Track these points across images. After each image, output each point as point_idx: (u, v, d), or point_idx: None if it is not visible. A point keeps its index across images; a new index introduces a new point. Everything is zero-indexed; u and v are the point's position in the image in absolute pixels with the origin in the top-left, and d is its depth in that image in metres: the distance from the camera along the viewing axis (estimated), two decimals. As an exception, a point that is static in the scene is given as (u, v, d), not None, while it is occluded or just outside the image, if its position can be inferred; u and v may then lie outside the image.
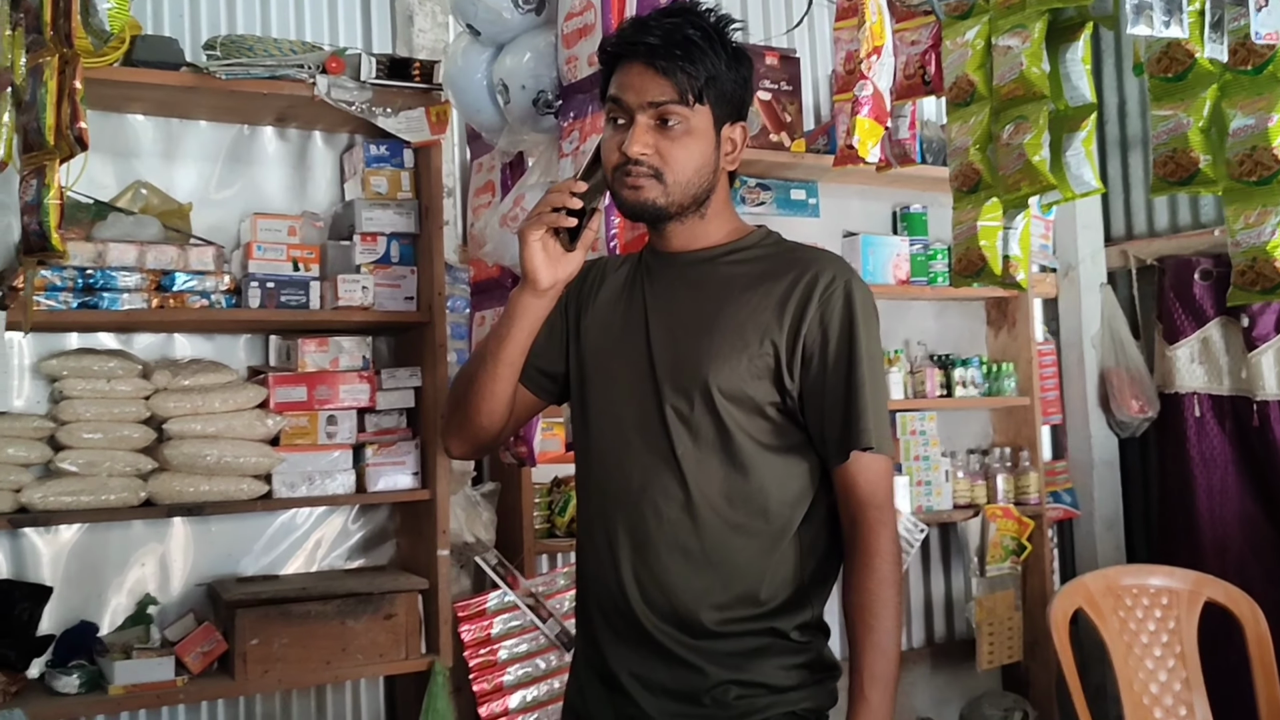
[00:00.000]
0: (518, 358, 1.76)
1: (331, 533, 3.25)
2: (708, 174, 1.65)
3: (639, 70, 1.61)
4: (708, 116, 1.62)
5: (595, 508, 1.73)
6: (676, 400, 1.63)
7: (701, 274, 1.69)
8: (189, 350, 3.07)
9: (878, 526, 1.60)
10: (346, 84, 2.88)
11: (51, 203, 2.06)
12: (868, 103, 2.41)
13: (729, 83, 1.63)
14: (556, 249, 1.69)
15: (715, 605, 1.61)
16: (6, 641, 2.66)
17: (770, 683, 1.61)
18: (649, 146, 1.60)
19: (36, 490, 2.66)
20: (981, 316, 4.45)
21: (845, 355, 1.61)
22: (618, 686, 1.65)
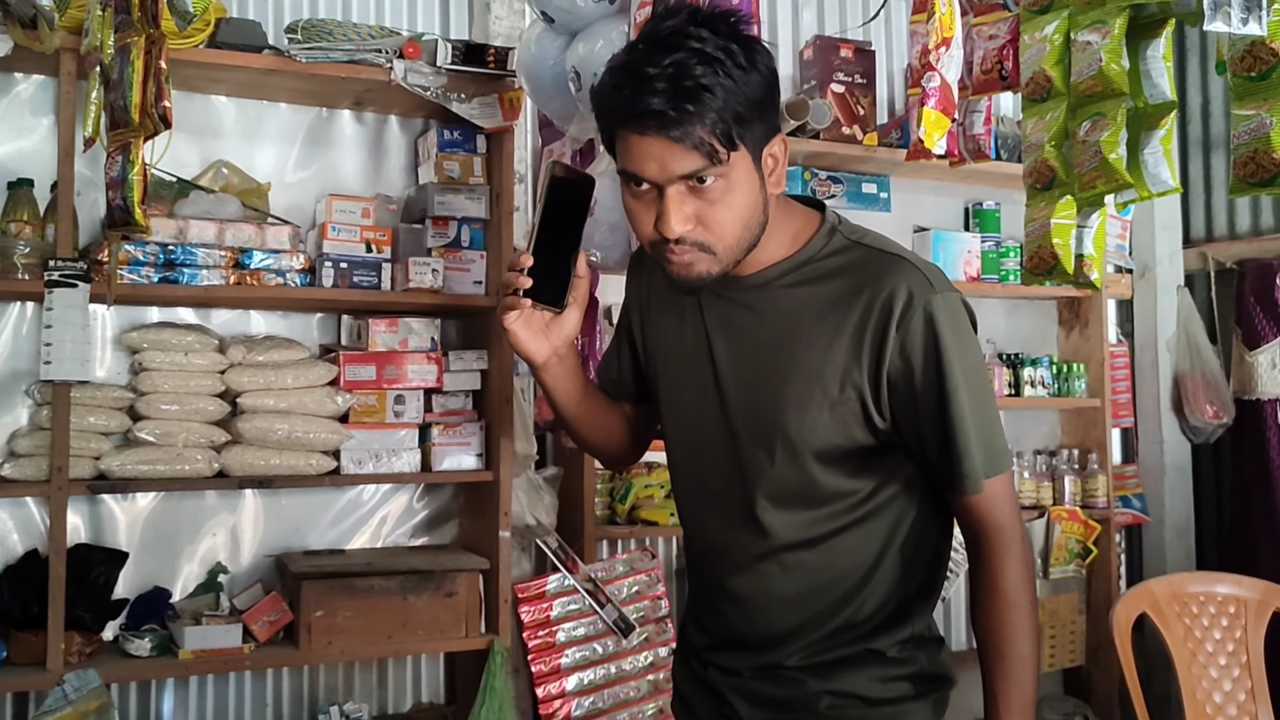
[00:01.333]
0: (576, 409, 1.70)
1: (396, 510, 3.31)
2: (758, 218, 1.44)
3: (653, 142, 1.35)
4: (745, 158, 1.39)
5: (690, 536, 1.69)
6: (755, 451, 1.52)
7: (762, 300, 1.52)
8: (263, 327, 3.15)
9: (1000, 550, 1.49)
10: (422, 69, 2.92)
11: (135, 179, 2.13)
12: (935, 94, 2.39)
13: (755, 99, 1.38)
14: (542, 319, 1.55)
15: (808, 643, 1.54)
16: (83, 604, 2.74)
17: (865, 694, 1.53)
18: (689, 220, 1.39)
19: (115, 458, 2.75)
20: (1053, 316, 4.39)
21: (935, 389, 1.44)
22: (720, 697, 1.63)
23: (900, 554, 1.54)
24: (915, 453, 1.51)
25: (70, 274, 2.62)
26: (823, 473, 1.50)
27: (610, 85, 1.40)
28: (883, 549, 1.53)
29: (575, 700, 3.16)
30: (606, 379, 1.79)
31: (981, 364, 1.51)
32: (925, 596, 1.58)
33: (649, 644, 3.27)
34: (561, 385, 1.66)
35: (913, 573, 1.56)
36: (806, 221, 1.55)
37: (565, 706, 3.15)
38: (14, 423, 2.87)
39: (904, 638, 1.54)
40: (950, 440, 1.45)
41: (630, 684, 3.24)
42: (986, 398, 1.50)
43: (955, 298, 1.48)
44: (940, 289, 1.46)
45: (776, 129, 1.45)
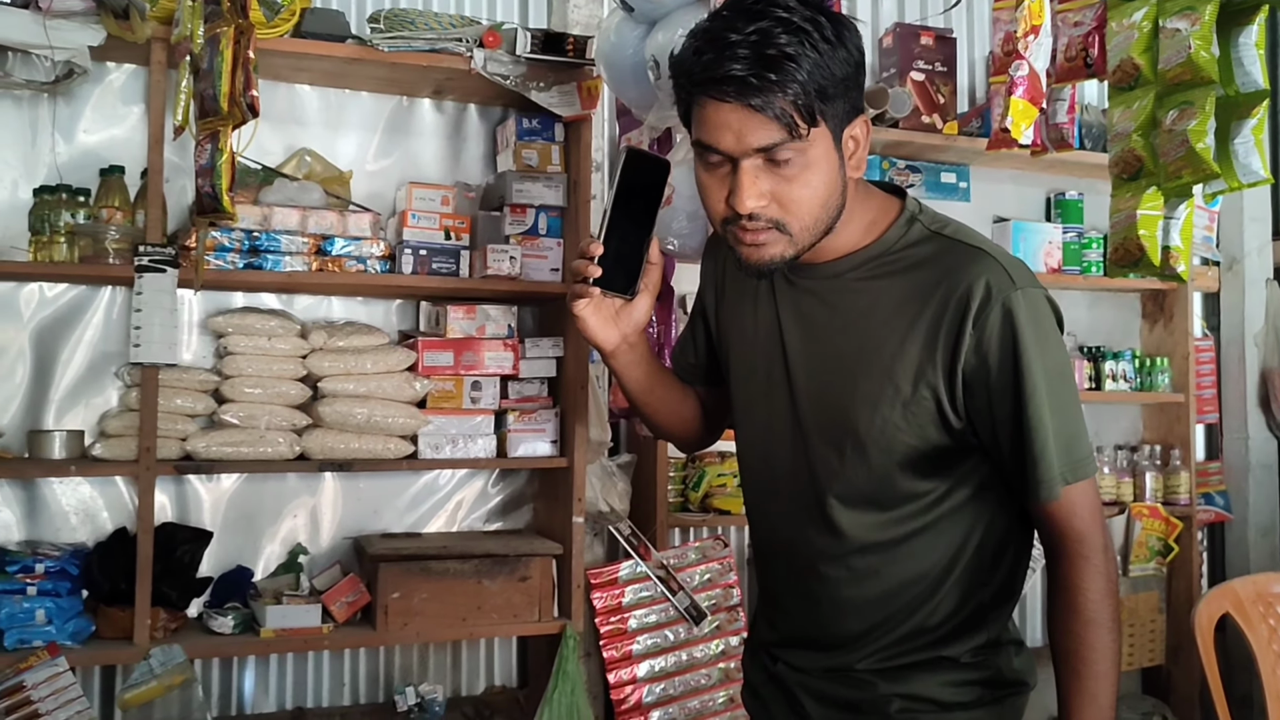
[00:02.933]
0: (647, 396, 1.68)
1: (472, 495, 3.35)
2: (836, 200, 1.39)
3: (731, 110, 1.31)
4: (825, 136, 1.34)
5: (757, 531, 1.66)
6: (824, 450, 1.48)
7: (836, 291, 1.47)
8: (344, 313, 3.20)
9: (1079, 561, 1.41)
10: (502, 58, 2.94)
11: (224, 167, 2.18)
12: (1023, 83, 2.35)
13: (839, 85, 1.34)
14: (612, 306, 1.53)
15: (880, 648, 1.50)
16: (169, 581, 2.82)
17: (936, 698, 1.49)
18: (763, 196, 1.34)
19: (200, 439, 2.81)
20: (1136, 309, 4.30)
21: (1011, 390, 1.37)
22: (790, 694, 1.61)
23: (976, 558, 1.48)
24: (992, 454, 1.45)
25: (159, 259, 2.69)
26: (895, 473, 1.45)
27: (691, 51, 1.35)
28: (957, 553, 1.48)
29: (646, 686, 3.18)
30: (681, 363, 1.77)
31: (1065, 365, 1.43)
32: (1002, 602, 1.53)
33: (720, 632, 3.28)
34: (632, 372, 1.64)
35: (989, 577, 1.50)
36: (885, 209, 1.49)
37: (636, 692, 3.17)
38: (104, 404, 2.96)
39: (978, 644, 1.49)
40: (1026, 444, 1.38)
41: (701, 671, 3.25)
42: (1068, 400, 1.42)
43: (1038, 294, 1.41)
44: (1021, 285, 1.39)
45: (860, 110, 1.41)
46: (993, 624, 1.51)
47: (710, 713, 3.21)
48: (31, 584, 2.67)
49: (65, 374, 2.94)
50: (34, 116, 2.91)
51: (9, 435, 2.86)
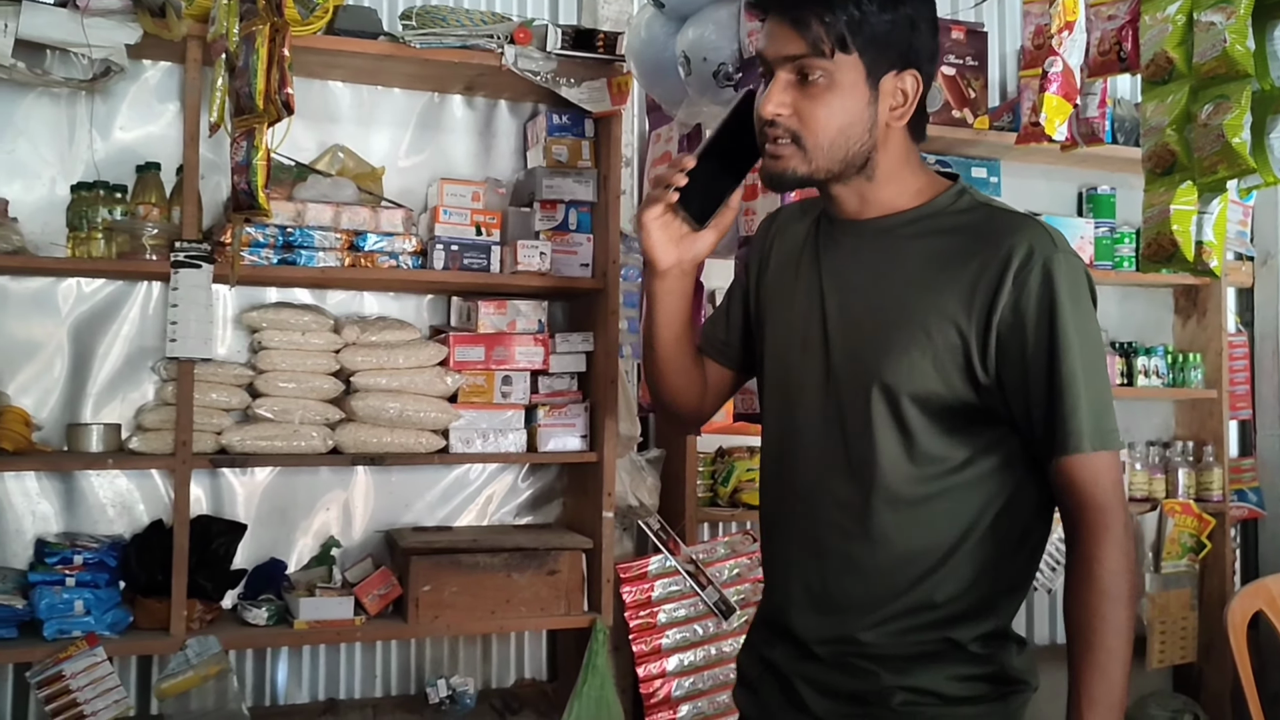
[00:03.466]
0: (672, 341, 1.68)
1: (502, 489, 3.37)
2: (859, 133, 1.45)
3: (775, 23, 1.45)
4: (856, 67, 1.43)
5: (769, 499, 1.66)
6: (852, 397, 1.49)
7: (881, 247, 1.51)
8: (376, 308, 3.22)
9: (1099, 531, 1.40)
10: (533, 54, 2.95)
11: (259, 164, 2.21)
12: (1057, 79, 2.34)
13: (883, 25, 1.42)
14: (679, 228, 1.58)
15: (885, 618, 1.49)
16: (204, 573, 2.85)
17: (941, 691, 1.47)
18: (784, 106, 1.44)
19: (235, 433, 2.85)
20: (1169, 304, 4.27)
21: (1046, 346, 1.39)
22: (786, 683, 1.58)
23: (992, 536, 1.48)
24: (1019, 417, 1.44)
25: (195, 255, 2.72)
26: (918, 424, 1.45)
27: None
28: (972, 526, 1.47)
29: (675, 681, 3.19)
30: (710, 336, 1.77)
31: (1098, 334, 1.45)
32: (1012, 592, 1.52)
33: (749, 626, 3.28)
34: (670, 303, 1.65)
35: (1001, 563, 1.49)
36: (936, 182, 1.55)
37: (665, 686, 3.18)
38: (141, 398, 2.99)
39: (986, 631, 1.48)
40: (1059, 399, 1.40)
41: (730, 666, 3.24)
42: (1101, 368, 1.44)
43: (1078, 263, 1.44)
44: (1064, 250, 1.43)
45: (916, 68, 1.47)
46: (1002, 612, 1.51)
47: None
48: (70, 575, 2.71)
49: (102, 368, 2.98)
50: (72, 114, 2.94)
51: (48, 429, 2.90)
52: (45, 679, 2.63)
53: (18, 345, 2.90)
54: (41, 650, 2.63)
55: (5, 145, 2.89)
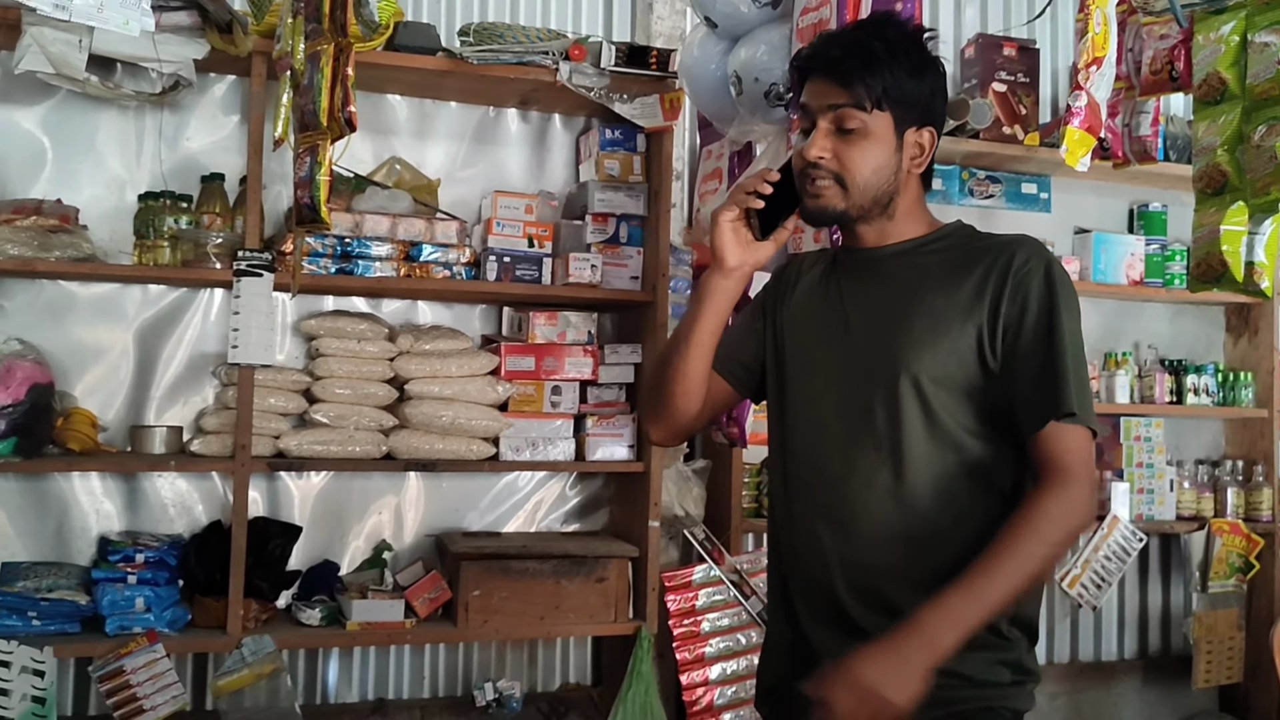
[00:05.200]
0: (708, 339, 1.79)
1: (550, 496, 3.42)
2: (887, 175, 1.67)
3: (821, 80, 1.67)
4: (887, 121, 1.65)
5: (794, 493, 1.74)
6: (879, 387, 1.63)
7: (895, 266, 1.71)
8: (430, 317, 3.29)
9: (1056, 488, 1.52)
10: (587, 70, 3.01)
11: (322, 179, 2.27)
12: (1080, 113, 2.36)
13: (912, 91, 1.66)
14: (747, 235, 1.75)
15: (918, 585, 1.57)
16: (260, 573, 2.92)
17: (973, 675, 1.58)
18: (826, 150, 1.65)
19: (293, 438, 2.92)
20: (1220, 322, 4.25)
21: (1045, 323, 1.58)
22: (812, 665, 1.63)
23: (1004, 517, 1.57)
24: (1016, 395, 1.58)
25: (257, 264, 2.80)
26: (939, 403, 1.60)
27: (809, 46, 1.76)
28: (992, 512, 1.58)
29: (718, 689, 3.22)
30: (727, 357, 1.84)
31: (1082, 337, 1.61)
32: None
33: (792, 638, 3.31)
34: (717, 300, 1.78)
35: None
36: (940, 220, 1.77)
37: (708, 694, 3.21)
38: (201, 401, 3.08)
39: (1013, 614, 1.60)
40: (1051, 364, 1.55)
41: (773, 676, 3.28)
42: (1083, 362, 1.60)
43: (1067, 274, 1.65)
44: (1055, 259, 1.64)
45: (931, 125, 1.71)
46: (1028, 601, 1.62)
47: (781, 717, 3.25)
48: (132, 573, 2.79)
49: (165, 372, 3.07)
50: (140, 126, 3.04)
51: (112, 430, 2.99)
52: (107, 673, 2.71)
53: (86, 349, 3.00)
54: (103, 645, 2.71)
55: (77, 156, 2.99)
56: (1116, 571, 3.76)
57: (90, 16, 1.17)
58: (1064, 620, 4.06)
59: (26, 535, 2.95)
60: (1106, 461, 3.99)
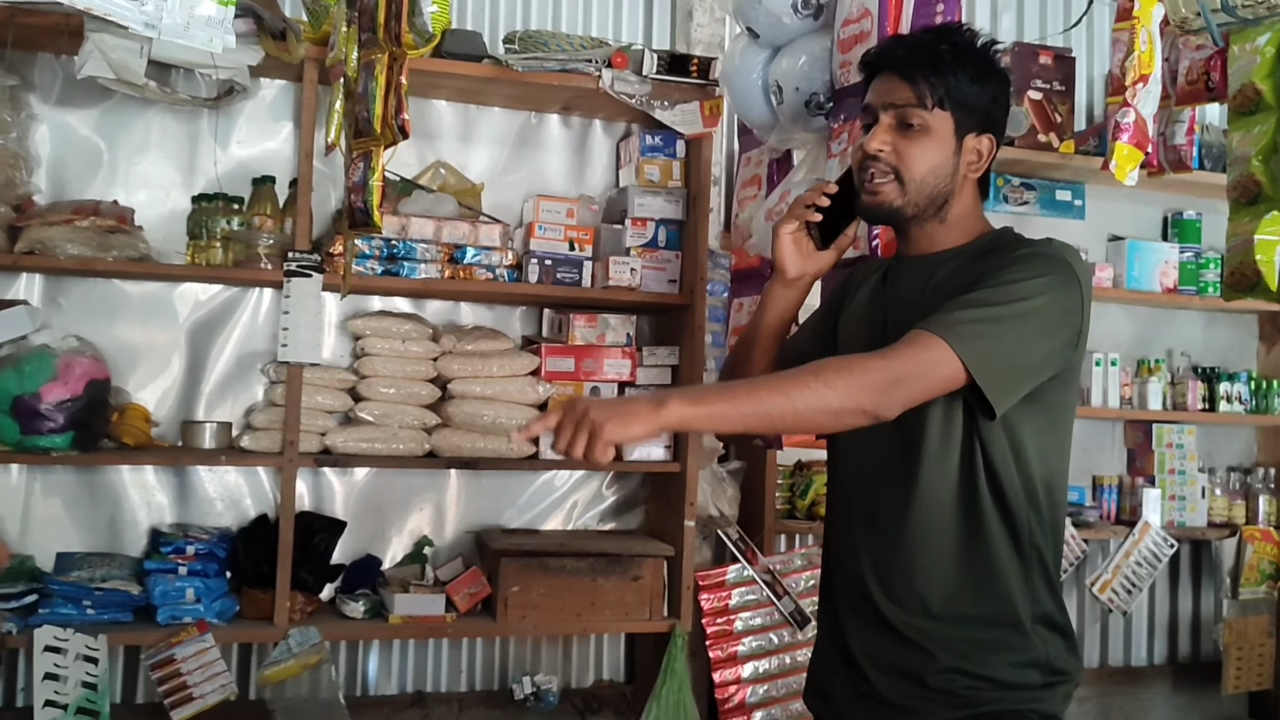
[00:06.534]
0: (770, 345, 1.88)
1: (587, 496, 3.48)
2: (945, 176, 1.69)
3: (887, 77, 1.71)
4: (948, 122, 1.68)
5: (838, 493, 1.82)
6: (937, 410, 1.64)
7: (936, 273, 1.72)
8: (472, 318, 3.36)
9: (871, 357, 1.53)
10: (629, 78, 3.07)
11: (375, 184, 2.34)
12: (1128, 129, 2.40)
13: (973, 96, 1.68)
14: (808, 245, 1.82)
15: (943, 583, 1.63)
16: (306, 566, 3.00)
17: (999, 678, 1.61)
18: (886, 144, 1.68)
19: (339, 435, 2.99)
20: (1254, 330, 4.26)
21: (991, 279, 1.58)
22: (853, 663, 1.73)
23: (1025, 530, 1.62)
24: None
25: (306, 265, 2.88)
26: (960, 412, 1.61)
27: (877, 45, 1.81)
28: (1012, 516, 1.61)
29: (750, 687, 3.28)
30: (792, 347, 1.93)
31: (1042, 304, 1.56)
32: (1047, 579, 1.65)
33: (824, 638, 3.35)
34: (779, 307, 1.89)
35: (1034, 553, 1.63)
36: (990, 227, 1.77)
37: (740, 692, 3.26)
38: (250, 398, 3.16)
39: (1036, 613, 1.63)
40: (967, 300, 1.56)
41: (804, 675, 3.32)
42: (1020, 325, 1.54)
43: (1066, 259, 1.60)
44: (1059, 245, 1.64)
45: (991, 133, 1.73)
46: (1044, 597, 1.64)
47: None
48: (183, 564, 2.88)
49: (215, 369, 3.15)
50: (194, 129, 3.12)
51: (164, 425, 3.08)
52: (158, 662, 2.79)
53: (139, 346, 3.09)
54: (155, 634, 2.79)
55: (133, 158, 3.08)
56: (1147, 577, 3.78)
57: (178, 34, 1.24)
58: (1094, 625, 4.08)
59: (82, 526, 3.04)
60: (1139, 467, 4.02)
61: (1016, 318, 1.55)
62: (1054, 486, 1.66)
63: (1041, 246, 1.64)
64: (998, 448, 1.62)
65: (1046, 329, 1.57)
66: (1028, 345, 1.56)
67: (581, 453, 1.49)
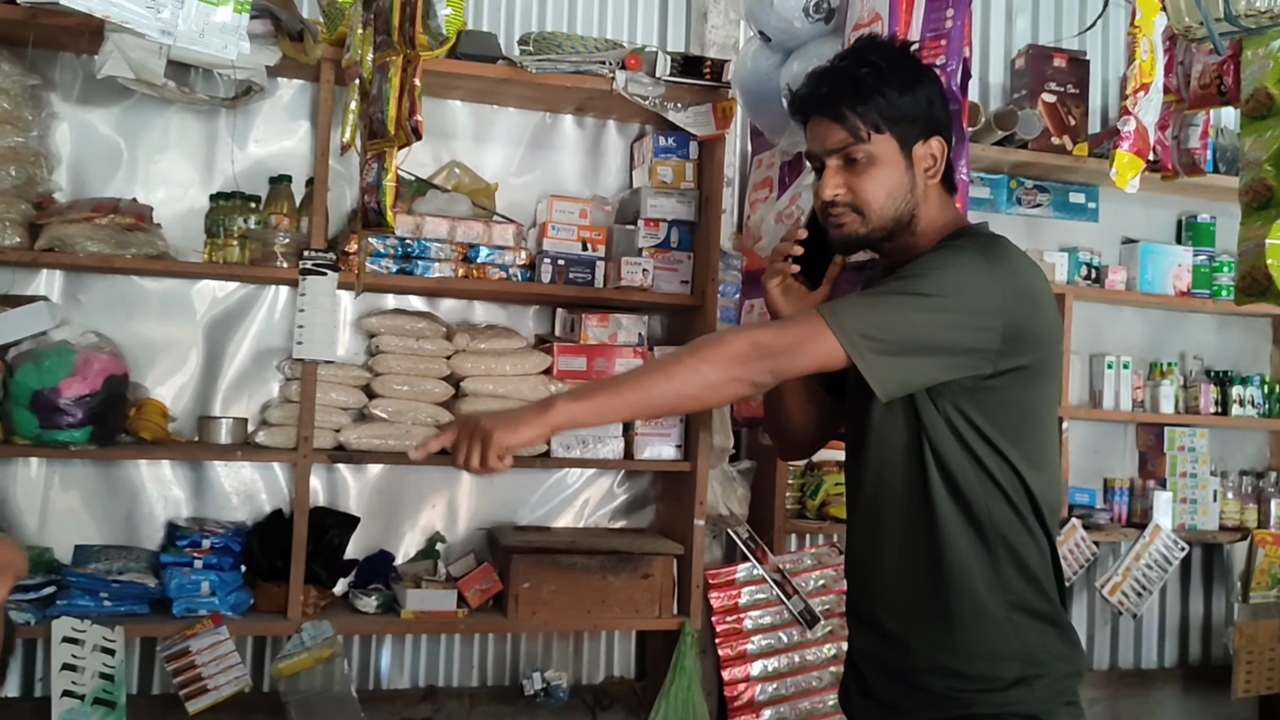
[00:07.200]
0: (794, 382, 1.85)
1: (598, 494, 3.51)
2: (903, 194, 1.69)
3: (817, 121, 1.71)
4: (890, 143, 1.68)
5: (849, 499, 1.84)
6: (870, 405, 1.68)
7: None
8: (485, 316, 3.39)
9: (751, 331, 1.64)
10: (642, 80, 3.09)
11: (388, 185, 2.37)
12: (1129, 137, 2.41)
13: (908, 106, 1.68)
14: (799, 289, 1.84)
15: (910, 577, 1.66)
16: (319, 561, 3.03)
17: (971, 671, 1.62)
18: (840, 187, 1.68)
19: (353, 431, 3.03)
20: (1267, 334, 4.25)
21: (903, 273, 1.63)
22: (855, 663, 1.78)
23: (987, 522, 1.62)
24: None
25: (322, 264, 2.91)
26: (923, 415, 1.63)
27: (799, 88, 1.76)
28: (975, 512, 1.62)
29: (759, 685, 3.30)
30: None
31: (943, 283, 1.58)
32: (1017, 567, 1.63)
33: (833, 636, 3.37)
34: None
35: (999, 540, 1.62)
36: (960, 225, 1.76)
37: (749, 690, 3.28)
38: (266, 394, 3.20)
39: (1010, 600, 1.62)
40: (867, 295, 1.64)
41: (813, 674, 3.35)
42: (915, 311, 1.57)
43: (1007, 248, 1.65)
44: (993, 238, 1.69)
45: (938, 134, 1.72)
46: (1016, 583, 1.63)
47: (820, 714, 3.31)
48: (199, 558, 2.91)
49: (232, 366, 3.19)
50: (211, 129, 3.16)
51: (181, 420, 3.12)
52: (173, 654, 2.83)
53: (157, 343, 3.13)
54: (170, 626, 2.83)
55: (152, 157, 3.12)
56: (1158, 580, 3.79)
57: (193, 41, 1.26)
58: (1104, 627, 4.09)
59: (100, 519, 3.08)
60: (1150, 470, 4.02)
61: (905, 300, 1.58)
62: (1030, 480, 1.64)
63: (971, 242, 1.66)
64: (945, 442, 1.62)
65: (948, 317, 1.57)
66: (916, 328, 1.57)
67: (478, 463, 1.56)
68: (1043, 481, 1.67)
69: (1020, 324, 1.59)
